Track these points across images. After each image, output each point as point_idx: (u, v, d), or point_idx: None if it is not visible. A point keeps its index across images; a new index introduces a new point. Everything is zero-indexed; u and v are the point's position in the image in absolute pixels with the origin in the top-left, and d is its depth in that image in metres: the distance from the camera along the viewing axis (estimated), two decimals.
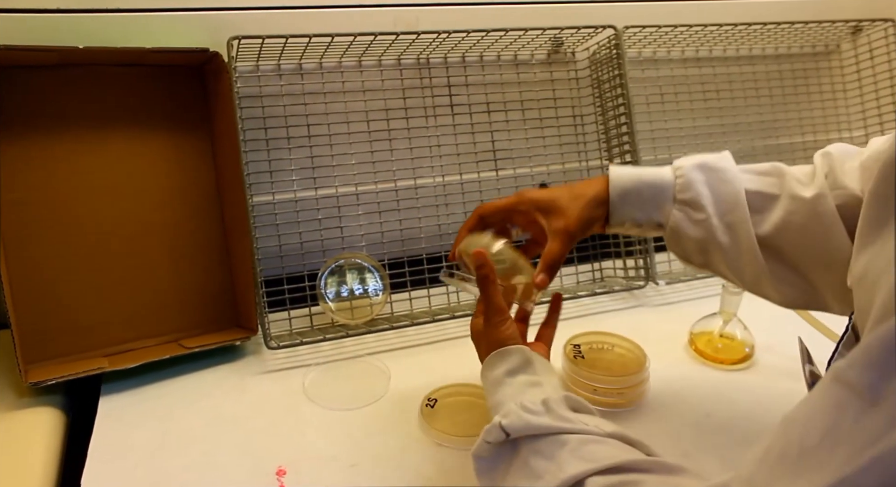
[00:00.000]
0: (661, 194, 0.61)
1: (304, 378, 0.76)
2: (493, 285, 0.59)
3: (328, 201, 0.91)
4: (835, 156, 0.58)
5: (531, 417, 0.50)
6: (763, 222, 0.59)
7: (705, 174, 0.60)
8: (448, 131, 0.97)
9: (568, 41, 1.01)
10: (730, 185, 0.59)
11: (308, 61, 0.90)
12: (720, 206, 0.59)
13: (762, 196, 0.59)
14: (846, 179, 0.56)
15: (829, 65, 1.25)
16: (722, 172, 0.60)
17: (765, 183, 0.59)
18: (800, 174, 0.59)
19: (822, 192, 0.56)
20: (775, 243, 0.58)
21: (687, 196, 0.60)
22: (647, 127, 1.08)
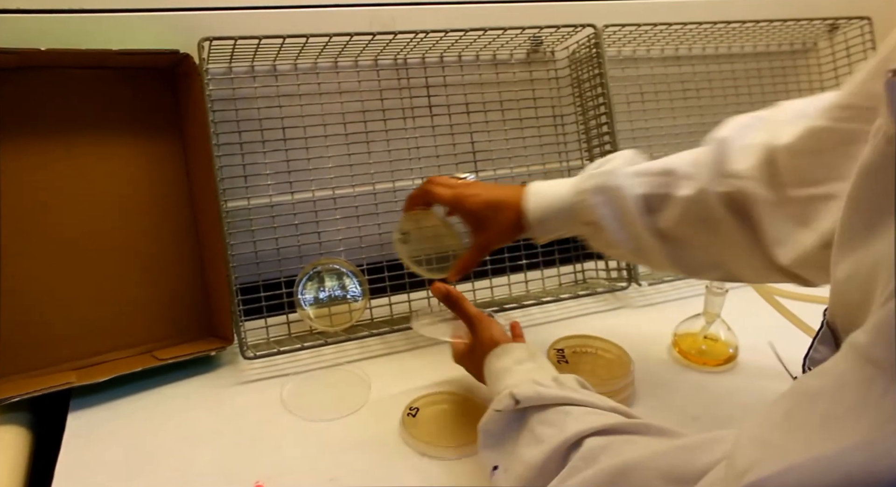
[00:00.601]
0: (569, 218, 0.70)
1: (282, 389, 0.74)
2: (462, 301, 0.69)
3: (305, 206, 0.89)
4: (728, 140, 0.61)
5: (542, 388, 0.54)
6: (661, 220, 0.65)
7: (602, 195, 0.67)
8: (427, 133, 0.95)
9: (547, 40, 0.99)
10: (624, 201, 0.66)
11: (282, 63, 0.88)
12: (620, 222, 0.67)
13: (655, 198, 0.65)
14: (737, 164, 0.60)
15: (806, 63, 1.25)
16: (616, 189, 0.66)
17: (656, 184, 0.65)
18: (687, 167, 0.64)
19: (703, 187, 0.61)
20: (675, 236, 0.65)
21: (590, 219, 0.68)
22: (628, 126, 1.07)
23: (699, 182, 0.62)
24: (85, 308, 0.77)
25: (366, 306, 0.88)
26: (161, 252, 0.81)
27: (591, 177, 0.68)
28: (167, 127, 0.83)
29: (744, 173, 0.59)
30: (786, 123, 0.58)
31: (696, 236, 0.64)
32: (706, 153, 0.63)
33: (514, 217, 0.71)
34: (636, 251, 0.68)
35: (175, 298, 0.82)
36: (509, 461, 0.53)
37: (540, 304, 0.93)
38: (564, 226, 0.71)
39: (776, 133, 0.58)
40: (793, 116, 0.59)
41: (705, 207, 0.61)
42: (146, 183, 0.81)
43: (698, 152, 0.64)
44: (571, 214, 0.69)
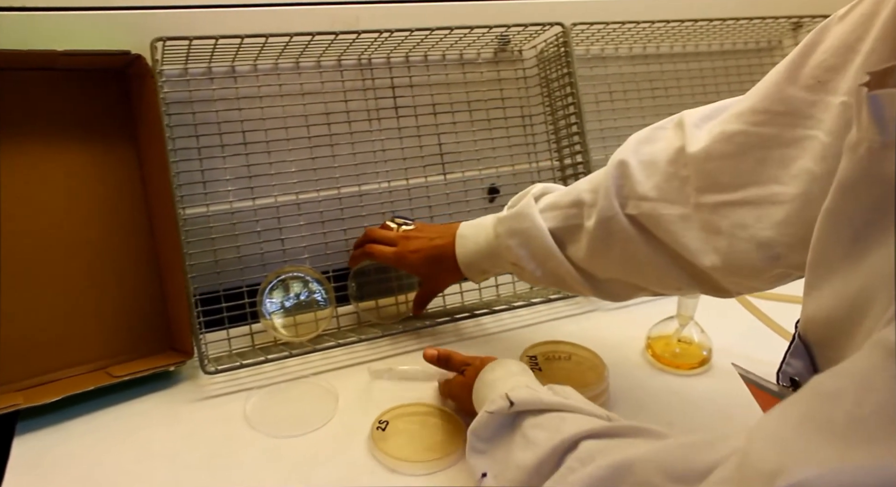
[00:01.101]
0: (495, 258, 0.74)
1: (245, 404, 0.71)
2: (452, 353, 0.71)
3: (267, 212, 0.86)
4: (625, 162, 0.61)
5: (538, 393, 0.54)
6: (575, 252, 0.66)
7: (517, 238, 0.69)
8: (393, 135, 0.93)
9: (515, 39, 0.98)
10: (536, 240, 0.68)
11: (241, 64, 0.85)
12: (537, 260, 0.69)
13: (565, 231, 0.67)
14: (638, 185, 0.59)
15: (771, 61, 1.25)
16: (528, 230, 0.68)
17: (563, 217, 0.67)
18: (591, 196, 0.64)
19: (607, 214, 0.61)
20: (591, 266, 0.66)
21: (512, 260, 0.71)
22: (597, 126, 1.06)
23: (603, 209, 0.62)
24: (33, 323, 0.73)
25: (332, 314, 0.85)
26: (115, 262, 0.78)
27: (504, 220, 0.71)
28: (120, 131, 0.79)
29: (647, 194, 0.59)
30: (693, 128, 0.57)
31: (612, 262, 0.64)
32: (607, 178, 0.62)
33: (454, 266, 0.77)
34: (559, 284, 0.71)
35: (130, 310, 0.78)
36: (500, 466, 0.52)
37: (511, 309, 0.91)
38: (493, 267, 0.76)
39: (684, 140, 0.57)
40: (698, 120, 0.58)
41: (614, 231, 0.61)
42: (98, 190, 0.77)
43: (599, 178, 0.64)
44: (496, 256, 0.73)
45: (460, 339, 0.86)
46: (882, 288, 0.32)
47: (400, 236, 0.82)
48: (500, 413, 0.53)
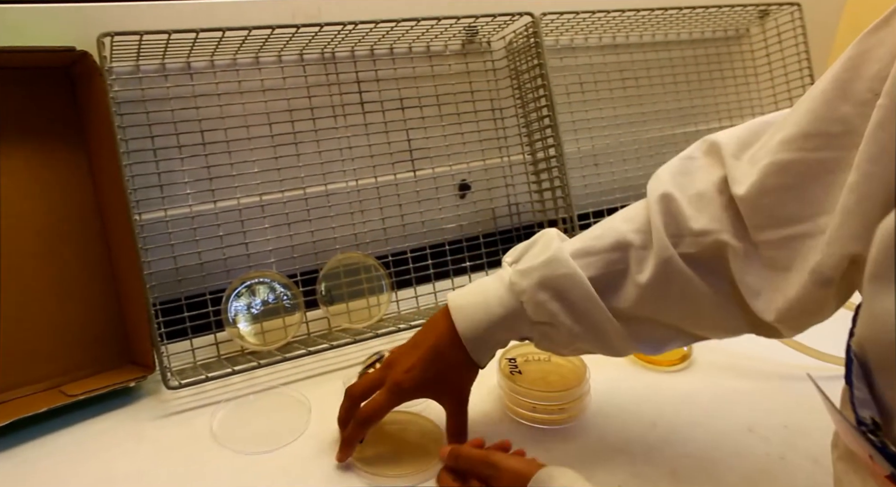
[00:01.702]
0: (515, 324, 0.59)
1: (212, 419, 0.68)
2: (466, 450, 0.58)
3: (230, 215, 0.82)
4: (676, 198, 0.55)
5: None
6: (619, 301, 0.57)
7: (549, 291, 0.57)
8: (359, 131, 0.89)
9: (483, 30, 0.95)
10: (576, 290, 0.57)
11: (197, 59, 0.81)
12: (575, 314, 0.57)
13: (607, 278, 0.57)
14: (694, 220, 0.53)
15: (740, 49, 1.24)
16: (563, 279, 0.57)
17: (604, 263, 0.57)
18: (637, 236, 0.56)
19: (665, 255, 0.54)
20: (636, 314, 0.57)
21: (542, 319, 0.58)
22: (569, 118, 1.04)
23: (660, 250, 0.54)
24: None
25: (301, 320, 0.82)
26: (66, 273, 0.73)
27: (528, 273, 0.58)
28: (68, 133, 0.74)
29: (708, 228, 0.53)
30: (733, 160, 0.53)
31: (661, 308, 0.57)
32: (654, 216, 0.55)
33: (459, 354, 0.60)
34: (596, 341, 0.59)
35: (85, 323, 0.74)
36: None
37: None
38: (509, 335, 0.61)
39: (725, 171, 0.53)
40: (735, 149, 0.53)
41: (670, 274, 0.54)
42: (46, 196, 0.73)
43: (642, 216, 0.57)
44: (517, 318, 0.59)
45: None
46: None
47: (382, 369, 0.62)
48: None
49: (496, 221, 0.99)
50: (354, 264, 0.86)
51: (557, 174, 0.94)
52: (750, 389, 0.72)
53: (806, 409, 0.68)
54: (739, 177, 0.51)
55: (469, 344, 0.59)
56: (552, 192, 0.95)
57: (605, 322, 0.57)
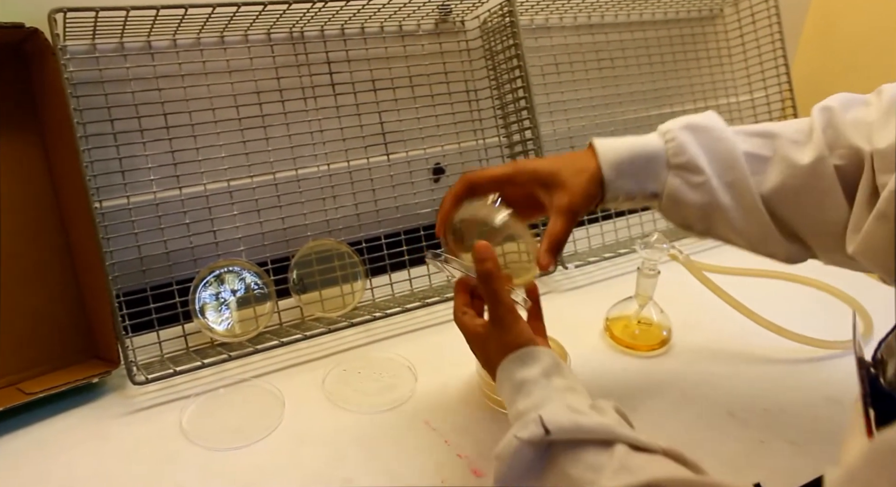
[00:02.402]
0: (653, 162, 0.57)
1: (181, 415, 0.65)
2: (498, 280, 0.52)
3: (196, 202, 0.78)
4: (836, 110, 0.54)
5: (579, 417, 0.44)
6: (764, 183, 0.55)
7: (696, 135, 0.56)
8: (331, 114, 0.86)
9: (457, 9, 0.92)
10: (724, 142, 0.56)
11: (158, 38, 0.77)
12: (717, 165, 0.55)
13: (754, 158, 0.56)
14: (849, 135, 0.53)
15: (714, 29, 1.23)
16: (712, 130, 0.56)
17: (756, 145, 0.56)
18: (795, 134, 0.55)
19: (821, 154, 0.53)
20: (770, 205, 0.55)
21: (682, 160, 0.56)
22: (545, 99, 1.02)
23: (816, 150, 0.53)
24: None
25: (273, 309, 0.79)
26: (23, 264, 0.69)
27: (676, 121, 0.58)
28: (20, 116, 0.70)
29: (863, 148, 0.52)
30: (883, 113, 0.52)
31: (797, 206, 0.55)
32: (817, 122, 0.55)
33: (592, 167, 0.56)
34: (731, 209, 0.56)
35: (44, 317, 0.70)
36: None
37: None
38: (645, 173, 0.57)
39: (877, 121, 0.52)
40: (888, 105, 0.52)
41: (819, 176, 0.53)
42: None
43: (803, 121, 0.56)
44: (657, 155, 0.57)
45: (412, 330, 0.81)
46: None
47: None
48: (532, 441, 0.44)
49: None
50: (327, 251, 0.84)
51: (534, 156, 0.92)
52: (729, 373, 0.72)
53: (785, 393, 0.68)
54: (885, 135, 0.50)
55: (608, 171, 0.56)
56: None
57: (745, 183, 0.55)
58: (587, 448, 0.43)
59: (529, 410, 0.46)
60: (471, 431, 0.63)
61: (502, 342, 0.52)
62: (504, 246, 0.58)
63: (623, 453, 0.42)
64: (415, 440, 0.62)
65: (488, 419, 0.65)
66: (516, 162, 0.59)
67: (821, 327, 0.75)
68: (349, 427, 0.64)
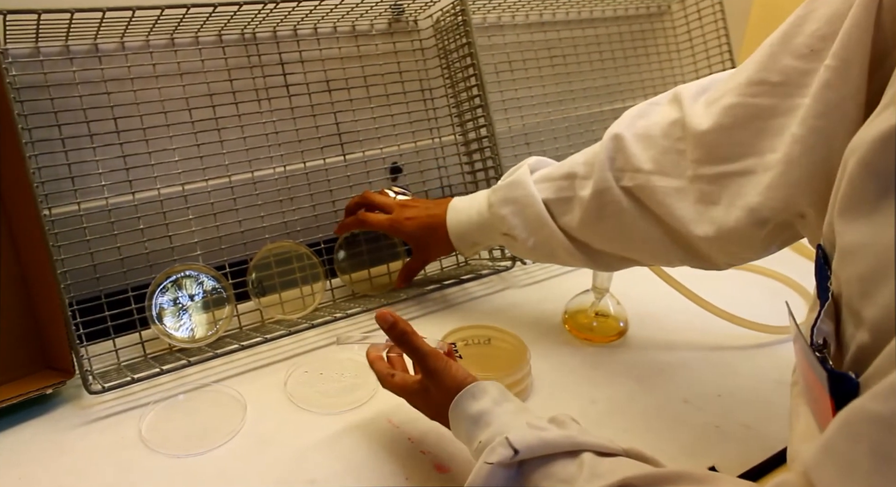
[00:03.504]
0: (487, 230, 0.75)
1: (140, 423, 0.64)
2: (414, 336, 0.56)
3: (150, 206, 0.77)
4: (623, 136, 0.62)
5: (543, 433, 0.46)
6: (567, 223, 0.68)
7: (511, 206, 0.71)
8: (285, 115, 0.86)
9: (409, 9, 0.92)
10: (531, 208, 0.69)
11: (105, 41, 0.75)
12: (530, 229, 0.70)
13: (560, 201, 0.68)
14: (633, 158, 0.61)
15: (662, 25, 1.26)
16: (521, 199, 0.70)
17: (560, 188, 0.68)
18: (585, 168, 0.66)
19: (601, 186, 0.63)
20: (583, 236, 0.67)
21: (504, 230, 0.73)
22: (499, 97, 1.03)
23: (598, 181, 0.63)
24: None
25: (232, 313, 0.78)
26: None
27: (499, 189, 0.73)
28: None
29: (642, 166, 0.60)
30: (690, 102, 0.58)
31: (605, 233, 0.65)
32: (601, 151, 0.63)
33: (446, 237, 0.78)
34: (550, 255, 0.71)
35: None
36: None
37: (424, 294, 0.87)
38: (484, 239, 0.77)
39: (682, 113, 0.58)
40: (694, 93, 0.59)
41: (608, 203, 0.63)
42: None
43: (594, 151, 0.65)
44: (488, 226, 0.74)
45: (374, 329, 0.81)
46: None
47: (397, 204, 0.83)
48: (502, 464, 0.45)
49: None
50: (286, 253, 0.83)
51: (490, 154, 0.93)
52: (683, 362, 0.74)
53: (737, 378, 0.70)
54: (691, 115, 0.57)
55: (454, 237, 0.79)
56: (485, 172, 0.94)
57: (554, 239, 0.68)
58: (556, 462, 0.44)
59: (495, 436, 0.47)
60: (433, 427, 0.63)
61: (444, 388, 0.53)
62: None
63: (590, 460, 0.43)
64: (378, 438, 0.62)
65: None
66: (394, 221, 0.82)
67: (769, 313, 0.78)
68: (312, 429, 0.63)
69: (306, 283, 0.84)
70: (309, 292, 0.84)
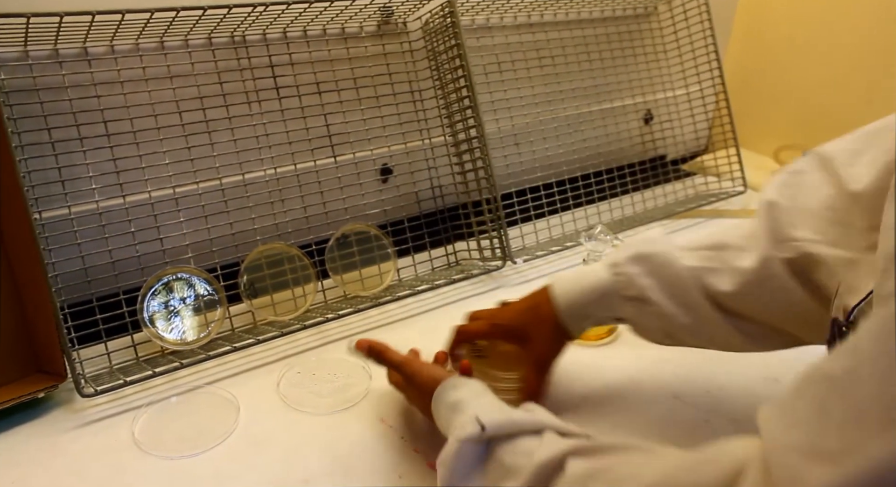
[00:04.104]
0: (607, 297, 0.61)
1: (133, 425, 0.64)
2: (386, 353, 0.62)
3: (141, 209, 0.77)
4: (781, 206, 0.55)
5: (510, 413, 0.49)
6: (718, 293, 0.57)
7: (642, 265, 0.59)
8: (276, 117, 0.86)
9: (398, 11, 0.93)
10: (668, 268, 0.59)
11: (95, 44, 0.75)
12: (667, 291, 0.59)
13: (704, 271, 0.58)
14: (795, 229, 0.54)
15: (649, 26, 1.27)
16: (656, 256, 0.59)
17: (704, 258, 0.58)
18: (740, 240, 0.58)
19: (766, 255, 0.55)
20: (735, 308, 0.57)
21: (632, 293, 0.60)
22: (488, 98, 1.04)
23: (760, 251, 0.55)
24: None
25: (224, 315, 0.79)
26: None
27: (625, 248, 0.62)
28: None
29: (806, 236, 0.53)
30: (847, 168, 0.52)
31: (758, 306, 0.57)
32: (759, 219, 0.56)
33: (552, 314, 0.63)
34: (692, 327, 0.59)
35: None
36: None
37: (415, 294, 0.88)
38: (601, 308, 0.62)
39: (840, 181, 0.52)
40: (848, 158, 0.53)
41: (769, 276, 0.55)
42: None
43: (750, 224, 0.58)
44: (608, 292, 0.61)
45: (365, 330, 0.82)
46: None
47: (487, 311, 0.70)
48: (471, 440, 0.47)
49: (420, 204, 0.98)
50: (277, 254, 0.84)
51: (480, 155, 0.94)
52: (673, 358, 0.74)
53: (726, 375, 0.71)
54: (856, 177, 0.50)
55: (562, 310, 0.62)
56: (475, 172, 0.95)
57: (702, 304, 0.57)
58: (520, 438, 0.47)
59: (462, 424, 0.49)
60: (426, 426, 0.64)
61: (424, 387, 0.57)
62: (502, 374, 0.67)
63: (551, 436, 0.46)
64: (371, 438, 0.63)
65: None
66: (493, 318, 0.67)
67: None
68: (305, 429, 0.64)
69: (298, 284, 0.84)
70: (301, 294, 0.84)
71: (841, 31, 1.27)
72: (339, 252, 0.88)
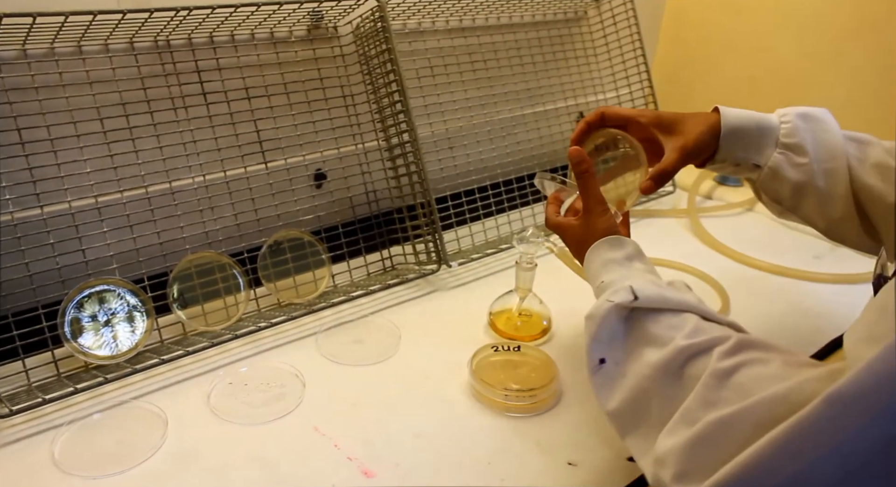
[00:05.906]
0: (766, 135, 0.66)
1: (53, 445, 0.62)
2: (592, 178, 0.62)
3: (60, 220, 0.75)
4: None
5: (662, 290, 0.53)
6: (853, 180, 0.64)
7: (808, 123, 0.66)
8: (203, 123, 0.84)
9: (328, 15, 0.92)
10: (831, 134, 0.65)
11: (6, 48, 0.72)
12: (821, 152, 0.64)
13: (858, 140, 0.65)
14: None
15: (579, 30, 1.30)
16: (823, 122, 0.66)
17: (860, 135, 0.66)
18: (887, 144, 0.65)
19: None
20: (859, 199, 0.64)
21: (791, 141, 0.65)
22: (421, 102, 1.04)
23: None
24: None
25: (153, 327, 0.77)
26: None
27: (794, 107, 0.67)
28: None
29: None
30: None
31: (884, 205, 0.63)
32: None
33: (712, 121, 0.66)
34: (823, 194, 0.65)
35: None
36: (621, 355, 0.52)
37: (350, 300, 0.87)
38: (753, 144, 0.66)
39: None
40: None
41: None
42: None
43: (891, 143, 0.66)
44: (771, 129, 0.66)
45: (299, 338, 0.81)
46: None
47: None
48: (622, 305, 0.52)
49: (354, 209, 0.98)
50: (207, 263, 0.82)
51: (413, 159, 0.94)
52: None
53: None
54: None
55: (725, 125, 0.66)
56: (409, 177, 0.95)
57: (842, 172, 0.64)
58: (665, 313, 0.51)
59: (615, 281, 0.55)
60: (360, 433, 0.64)
61: (593, 229, 0.61)
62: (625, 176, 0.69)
63: (696, 320, 0.50)
64: (304, 447, 0.62)
65: (377, 420, 0.66)
66: (643, 109, 0.72)
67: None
68: (238, 441, 0.63)
69: (229, 293, 0.83)
70: (232, 303, 0.83)
71: (751, 34, 1.33)
72: (271, 260, 0.87)
